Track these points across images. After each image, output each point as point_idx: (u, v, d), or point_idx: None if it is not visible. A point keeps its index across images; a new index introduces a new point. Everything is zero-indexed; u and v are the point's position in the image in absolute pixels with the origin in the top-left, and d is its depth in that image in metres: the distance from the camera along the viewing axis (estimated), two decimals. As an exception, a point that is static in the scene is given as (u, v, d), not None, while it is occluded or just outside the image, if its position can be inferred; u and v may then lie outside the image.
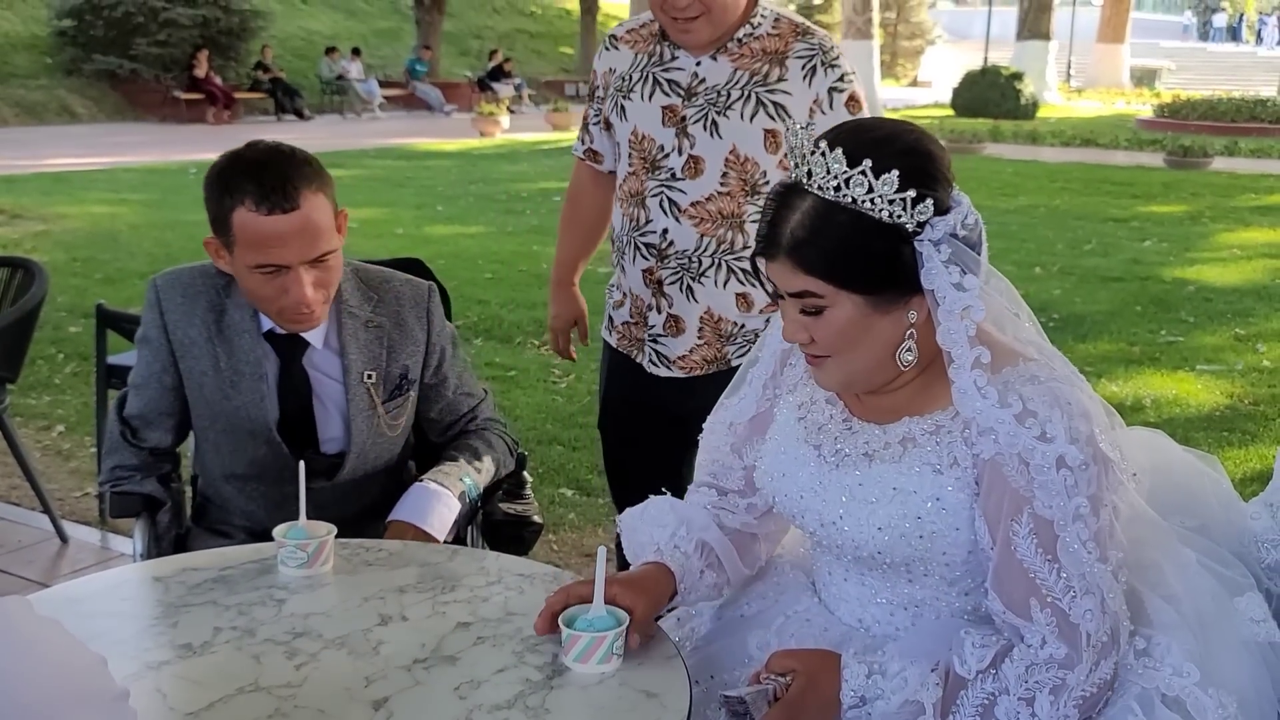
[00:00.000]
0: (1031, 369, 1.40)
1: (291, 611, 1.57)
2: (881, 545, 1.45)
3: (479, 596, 1.60)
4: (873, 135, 1.39)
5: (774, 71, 2.25)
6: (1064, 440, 1.34)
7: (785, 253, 1.38)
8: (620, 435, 2.58)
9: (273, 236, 1.83)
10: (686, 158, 2.27)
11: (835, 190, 1.35)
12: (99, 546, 3.64)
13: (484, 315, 6.65)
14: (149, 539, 2.03)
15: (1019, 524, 1.36)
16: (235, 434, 2.02)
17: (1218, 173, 14.28)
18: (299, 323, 1.94)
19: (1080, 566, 1.35)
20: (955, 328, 1.38)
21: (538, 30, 31.86)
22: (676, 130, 2.28)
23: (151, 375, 2.03)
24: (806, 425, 1.55)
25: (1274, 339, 6.34)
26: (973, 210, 1.41)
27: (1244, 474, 4.27)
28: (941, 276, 1.36)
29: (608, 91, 2.43)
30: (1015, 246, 9.00)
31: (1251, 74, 35.47)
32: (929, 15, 40.18)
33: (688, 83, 2.29)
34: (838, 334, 1.40)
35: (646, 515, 1.65)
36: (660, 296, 2.34)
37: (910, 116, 23.08)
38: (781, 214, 1.39)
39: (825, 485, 1.50)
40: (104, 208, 10.53)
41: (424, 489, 2.00)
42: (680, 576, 1.55)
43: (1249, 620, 1.45)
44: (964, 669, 1.38)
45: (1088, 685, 1.35)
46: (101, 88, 20.69)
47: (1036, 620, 1.36)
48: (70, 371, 5.53)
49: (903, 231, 1.36)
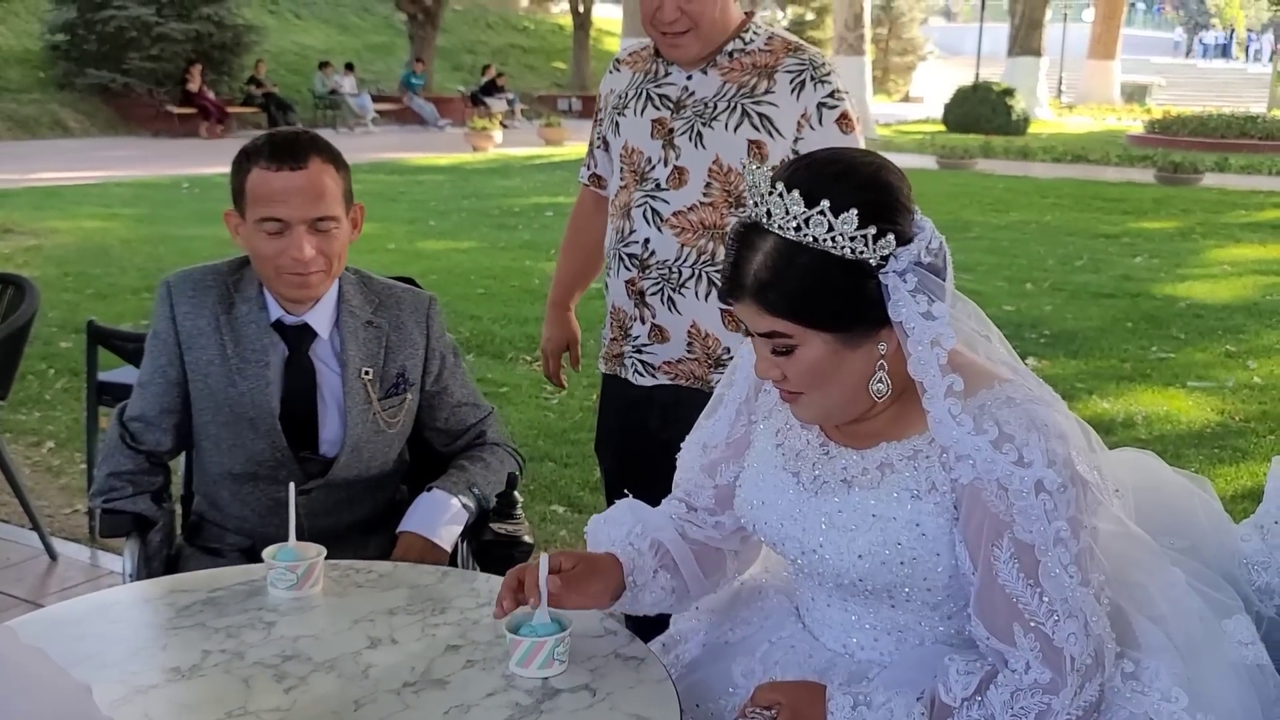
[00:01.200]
0: (1007, 390, 1.40)
1: (281, 634, 1.56)
2: (862, 572, 1.45)
3: (469, 619, 1.60)
4: (829, 171, 1.39)
5: (762, 84, 2.27)
6: (1041, 464, 1.35)
7: (750, 295, 1.39)
8: (614, 458, 2.58)
9: (278, 191, 1.94)
10: (672, 168, 2.29)
11: (796, 230, 1.35)
12: (88, 564, 3.63)
13: (476, 330, 6.65)
14: (139, 559, 2.03)
15: (1000, 549, 1.36)
16: (237, 425, 2.04)
17: (1208, 189, 14.36)
18: (297, 288, 2.00)
19: (1062, 590, 1.35)
20: (926, 357, 1.38)
21: (531, 45, 31.97)
22: (663, 142, 2.31)
23: (157, 370, 2.07)
24: (784, 451, 1.56)
25: (1264, 355, 6.36)
26: (936, 235, 1.42)
27: (1235, 491, 4.28)
28: (909, 307, 1.37)
29: (606, 111, 2.46)
30: (1007, 262, 9.03)
31: (1241, 90, 35.73)
32: (921, 31, 40.35)
33: (677, 96, 2.32)
34: (809, 371, 1.41)
35: (608, 517, 1.68)
36: (643, 307, 2.36)
37: (902, 132, 23.22)
38: (744, 255, 1.39)
39: (804, 512, 1.50)
40: (96, 222, 10.52)
41: (432, 499, 2.05)
42: (629, 570, 1.58)
43: (1237, 643, 1.45)
44: (949, 697, 1.37)
45: (1073, 709, 1.35)
46: (94, 102, 20.68)
47: (1020, 645, 1.36)
48: (61, 387, 5.52)
49: (866, 267, 1.36)
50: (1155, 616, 1.45)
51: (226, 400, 2.03)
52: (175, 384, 2.07)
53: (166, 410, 2.08)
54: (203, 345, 2.04)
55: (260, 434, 2.03)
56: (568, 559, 1.55)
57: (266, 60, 22.66)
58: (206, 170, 14.49)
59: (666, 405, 2.36)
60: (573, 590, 1.51)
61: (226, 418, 2.04)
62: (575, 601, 1.52)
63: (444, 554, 2.02)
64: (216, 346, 2.04)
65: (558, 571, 1.51)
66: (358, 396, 2.07)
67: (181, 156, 16.63)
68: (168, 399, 2.08)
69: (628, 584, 1.58)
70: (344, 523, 2.10)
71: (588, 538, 1.70)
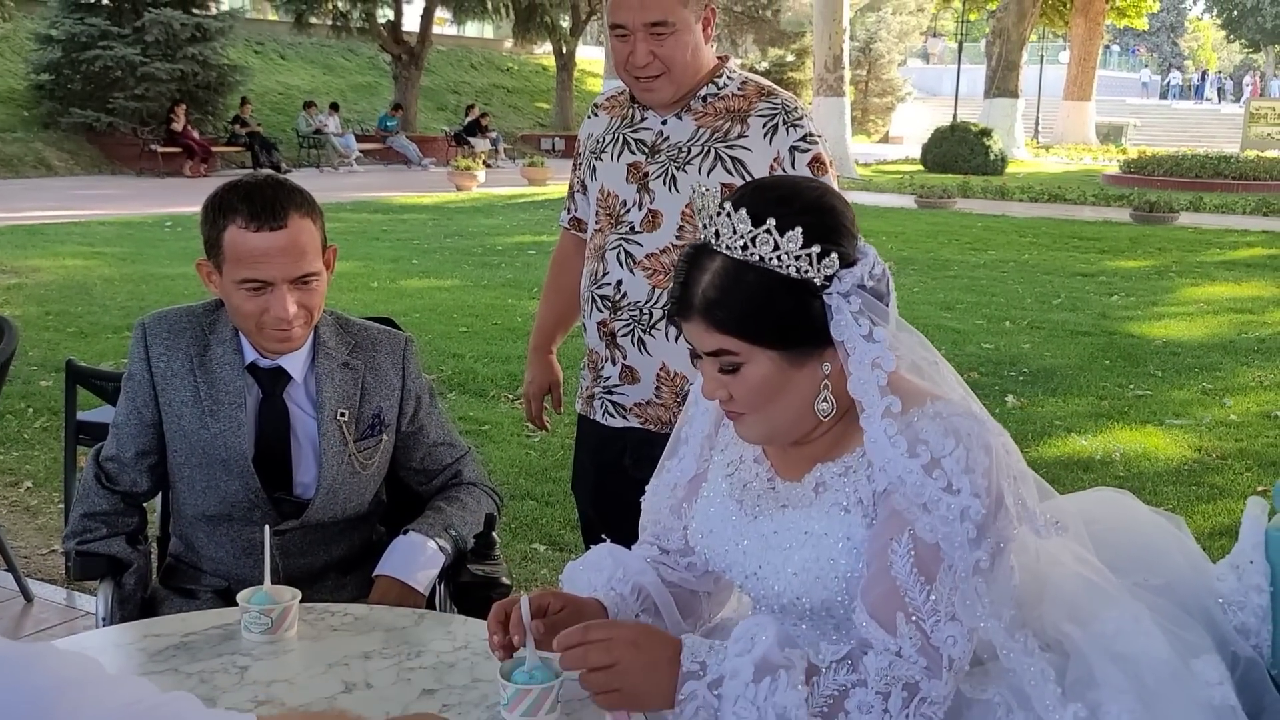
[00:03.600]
0: (939, 406, 1.42)
1: (254, 679, 1.55)
2: (799, 590, 1.46)
3: (445, 663, 1.59)
4: (776, 193, 1.44)
5: (735, 128, 2.29)
6: (968, 493, 1.37)
7: (698, 313, 1.42)
8: (590, 497, 2.59)
9: (259, 252, 1.91)
10: (646, 211, 2.32)
11: (743, 249, 1.39)
12: (64, 605, 3.59)
13: (458, 369, 6.64)
14: (113, 602, 2.01)
15: (899, 543, 1.38)
16: (210, 467, 2.03)
17: (1183, 228, 14.52)
18: (279, 341, 2.00)
19: (955, 599, 1.37)
20: (866, 378, 1.41)
21: (515, 86, 32.20)
22: (638, 186, 2.33)
23: (132, 411, 2.06)
24: (733, 482, 1.58)
25: (1240, 393, 6.41)
26: (879, 261, 1.45)
27: (1212, 528, 4.30)
28: (852, 329, 1.40)
29: (585, 156, 2.49)
30: (985, 301, 9.10)
31: (1215, 130, 36.23)
32: (899, 73, 40.86)
33: (652, 141, 2.35)
34: (755, 390, 1.43)
35: (586, 562, 1.68)
36: (614, 348, 2.37)
37: (882, 171, 23.43)
38: (693, 275, 1.42)
39: (744, 535, 1.53)
40: (78, 260, 10.49)
41: (409, 542, 2.04)
42: (614, 614, 1.58)
43: (1205, 683, 1.45)
44: (819, 659, 1.39)
45: (942, 703, 1.37)
46: (78, 141, 20.70)
47: (901, 634, 1.37)
48: (40, 426, 5.48)
49: (811, 286, 1.40)
50: (1117, 656, 1.46)
51: (200, 442, 2.03)
52: (150, 425, 2.07)
53: (142, 451, 2.08)
54: (177, 387, 2.04)
55: (233, 476, 2.02)
56: (555, 600, 1.55)
57: (252, 100, 22.73)
58: (190, 209, 14.47)
59: (639, 444, 2.37)
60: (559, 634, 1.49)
61: (200, 459, 2.04)
62: None
63: (420, 598, 2.01)
64: (190, 389, 2.04)
65: (543, 615, 1.51)
66: (333, 438, 2.06)
67: (165, 195, 16.62)
68: (143, 440, 2.07)
69: None
70: (320, 563, 2.10)
71: (565, 585, 1.69)
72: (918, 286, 9.64)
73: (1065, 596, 1.51)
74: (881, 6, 39.05)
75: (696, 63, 2.30)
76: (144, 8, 20.76)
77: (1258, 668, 1.56)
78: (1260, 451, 5.31)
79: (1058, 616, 1.50)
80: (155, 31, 20.72)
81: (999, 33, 28.07)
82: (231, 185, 1.99)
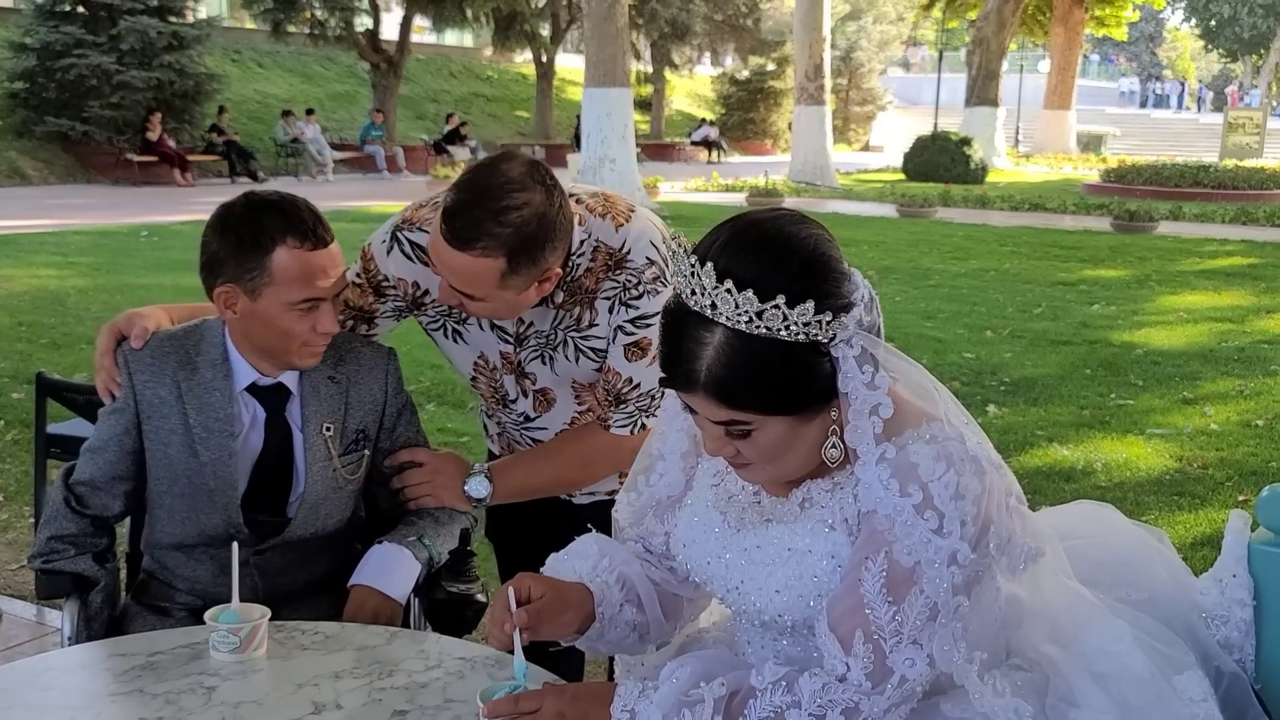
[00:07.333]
0: (934, 429, 1.40)
1: (221, 700, 1.51)
2: (781, 607, 1.44)
3: (417, 682, 1.56)
4: (768, 254, 1.34)
5: (585, 315, 2.08)
6: (957, 536, 1.34)
7: (704, 389, 1.36)
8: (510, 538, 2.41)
9: (318, 270, 1.91)
10: (534, 396, 2.18)
11: (748, 323, 1.32)
12: (34, 622, 3.53)
13: (437, 380, 6.60)
14: (79, 621, 1.97)
15: (874, 561, 1.37)
16: (193, 497, 1.98)
17: (1163, 236, 14.61)
18: (311, 358, 1.98)
19: (922, 627, 1.35)
20: (864, 426, 1.38)
21: (494, 94, 32.18)
22: (516, 376, 2.17)
23: (112, 438, 2.00)
24: (718, 493, 1.56)
25: (1220, 401, 6.44)
26: (865, 286, 1.42)
27: (1194, 538, 4.30)
28: (856, 378, 1.37)
29: (411, 299, 2.16)
30: (967, 310, 9.12)
31: (1194, 140, 36.57)
32: (880, 82, 41.07)
33: (515, 330, 2.13)
34: (767, 450, 1.40)
35: (571, 551, 1.67)
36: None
37: (863, 180, 23.52)
38: (690, 348, 1.34)
39: (727, 548, 1.50)
40: (51, 271, 10.39)
41: (383, 550, 2.01)
42: (599, 600, 1.57)
43: (1188, 699, 1.44)
44: (758, 680, 1.37)
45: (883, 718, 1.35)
46: (53, 150, 20.53)
47: (854, 651, 1.35)
48: (11, 439, 5.40)
49: (819, 346, 1.36)
50: (1098, 675, 1.44)
51: (186, 471, 1.98)
52: (130, 453, 2.01)
53: (118, 477, 2.02)
54: (164, 415, 1.98)
55: (217, 507, 1.98)
56: (536, 585, 1.54)
57: (229, 108, 22.61)
58: (165, 218, 14.40)
59: None
60: (545, 620, 1.50)
61: (184, 489, 1.99)
62: (548, 632, 1.51)
63: (397, 607, 1.97)
64: (179, 416, 1.98)
65: (525, 601, 1.50)
66: (319, 452, 2.03)
67: (141, 205, 16.50)
68: (121, 466, 2.01)
69: (597, 615, 1.56)
70: (300, 582, 2.06)
71: (546, 572, 1.65)
72: (899, 296, 9.65)
73: (1046, 616, 1.49)
74: (862, 15, 39.24)
75: (522, 300, 1.95)
76: (120, 15, 20.60)
77: (1241, 683, 1.55)
78: (1241, 460, 5.33)
79: (1038, 637, 1.49)
80: (131, 39, 20.56)
81: (979, 42, 28.21)
82: (256, 206, 1.91)
